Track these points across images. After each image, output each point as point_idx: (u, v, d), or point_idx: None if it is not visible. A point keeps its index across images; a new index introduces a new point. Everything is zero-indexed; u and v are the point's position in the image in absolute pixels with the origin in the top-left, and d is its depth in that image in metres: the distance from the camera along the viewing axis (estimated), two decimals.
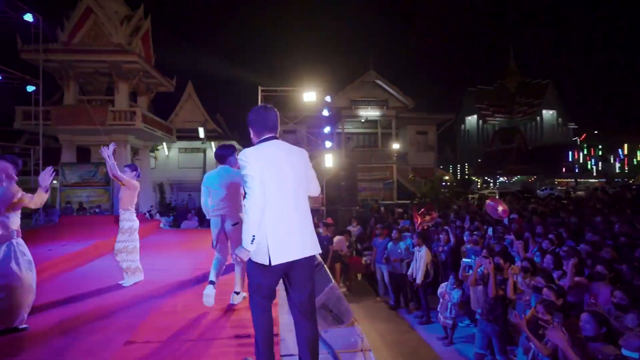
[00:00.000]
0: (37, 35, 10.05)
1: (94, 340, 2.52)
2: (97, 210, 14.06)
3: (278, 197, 1.85)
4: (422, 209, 6.55)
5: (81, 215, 11.30)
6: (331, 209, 10.38)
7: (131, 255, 3.98)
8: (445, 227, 6.28)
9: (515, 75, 50.61)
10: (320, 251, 2.09)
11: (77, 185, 14.70)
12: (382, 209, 10.79)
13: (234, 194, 3.15)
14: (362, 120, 21.90)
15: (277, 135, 2.05)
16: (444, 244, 5.97)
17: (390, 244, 6.80)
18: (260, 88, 9.21)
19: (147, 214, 13.21)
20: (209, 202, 3.22)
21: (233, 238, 3.14)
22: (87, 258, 5.07)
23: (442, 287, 5.46)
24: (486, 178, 35.48)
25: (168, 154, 21.74)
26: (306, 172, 2.01)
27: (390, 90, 20.37)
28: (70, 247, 5.25)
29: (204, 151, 21.70)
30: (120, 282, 3.94)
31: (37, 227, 8.87)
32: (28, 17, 8.40)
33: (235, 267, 3.18)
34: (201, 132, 18.31)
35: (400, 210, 9.53)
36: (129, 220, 4.04)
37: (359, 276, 8.41)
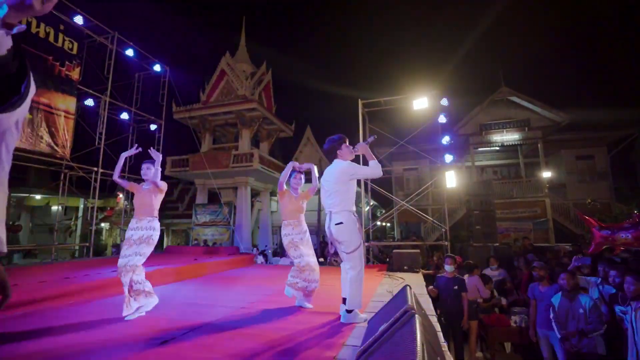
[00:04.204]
0: (170, 89, 11.79)
1: None
2: (218, 244, 14.77)
3: None
4: (627, 221, 3.71)
5: (192, 246, 11.64)
6: (459, 247, 7.84)
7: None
8: None
9: None
10: None
11: (205, 224, 16.00)
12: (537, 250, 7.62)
13: (342, 190, 2.91)
14: (497, 148, 18.27)
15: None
16: None
17: (557, 298, 4.11)
18: (360, 102, 8.01)
19: (256, 251, 12.96)
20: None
21: (337, 239, 2.88)
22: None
23: None
24: None
25: None
26: None
27: (532, 107, 16.56)
28: None
29: (319, 192, 21.59)
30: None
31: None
32: (157, 68, 9.61)
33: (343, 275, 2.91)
34: (314, 170, 18.13)
35: (568, 248, 6.32)
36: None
37: (508, 346, 5.58)
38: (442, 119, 7.14)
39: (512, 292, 5.80)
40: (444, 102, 7.20)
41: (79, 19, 7.61)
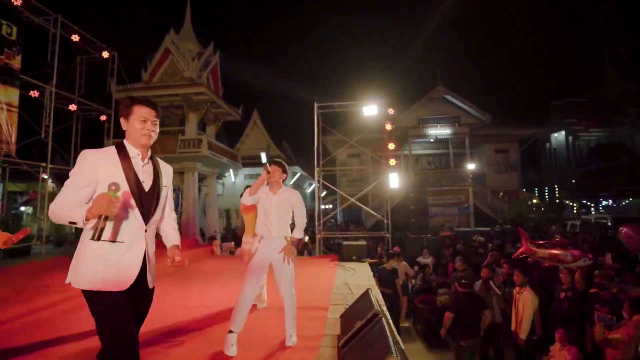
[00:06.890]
0: (119, 74, 11.15)
1: None
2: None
3: None
4: (555, 240, 4.85)
5: None
6: (397, 237, 9.07)
7: None
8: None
9: (614, 83, 43.15)
10: None
11: None
12: (459, 239, 9.17)
13: None
14: (432, 140, 20.27)
15: None
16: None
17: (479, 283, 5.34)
18: (316, 104, 8.62)
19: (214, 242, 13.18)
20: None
21: None
22: None
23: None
24: (585, 202, 30.34)
25: (234, 180, 22.38)
26: None
27: (462, 105, 18.60)
28: None
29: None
30: None
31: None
32: (105, 54, 9.13)
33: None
34: (263, 157, 18.37)
35: (481, 238, 7.83)
36: None
37: (434, 320, 6.90)
38: (389, 127, 8.07)
39: (440, 276, 7.11)
40: (391, 111, 8.13)
41: None
